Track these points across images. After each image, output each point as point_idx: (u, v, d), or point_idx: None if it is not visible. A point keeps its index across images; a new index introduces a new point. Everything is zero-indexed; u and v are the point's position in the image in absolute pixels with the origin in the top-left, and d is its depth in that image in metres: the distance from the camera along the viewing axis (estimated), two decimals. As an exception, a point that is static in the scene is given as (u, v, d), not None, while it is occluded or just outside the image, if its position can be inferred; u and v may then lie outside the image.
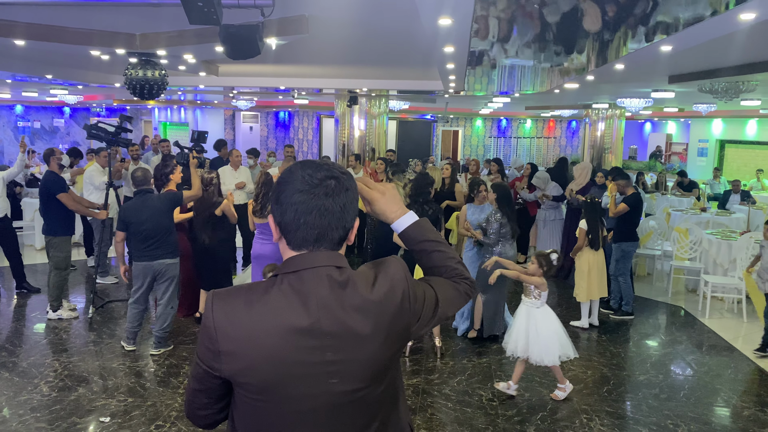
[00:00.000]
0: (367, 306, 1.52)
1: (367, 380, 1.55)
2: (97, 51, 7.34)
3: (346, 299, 1.51)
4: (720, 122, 18.81)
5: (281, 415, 1.52)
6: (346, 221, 1.55)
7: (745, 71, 7.32)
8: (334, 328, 1.48)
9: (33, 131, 21.47)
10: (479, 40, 5.97)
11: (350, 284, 1.53)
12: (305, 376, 1.48)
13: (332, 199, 1.52)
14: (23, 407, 4.70)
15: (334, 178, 1.54)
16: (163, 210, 5.63)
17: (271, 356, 1.46)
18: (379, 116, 12.52)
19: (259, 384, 1.48)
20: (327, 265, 1.52)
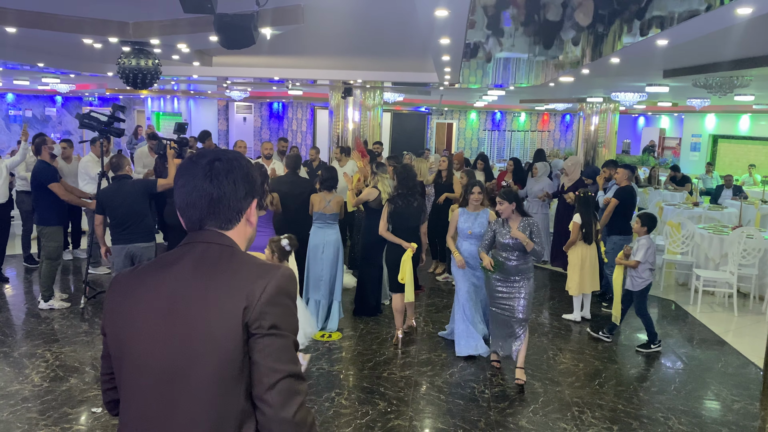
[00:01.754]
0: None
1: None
2: (90, 39, 7.26)
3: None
4: (713, 117, 18.87)
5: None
6: (231, 201, 1.59)
7: (739, 66, 7.33)
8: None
9: (25, 120, 21.28)
10: (475, 32, 5.95)
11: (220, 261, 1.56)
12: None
13: (212, 180, 1.57)
14: (14, 398, 4.68)
15: (217, 161, 1.59)
16: (136, 196, 5.89)
17: (128, 321, 1.56)
18: (373, 108, 12.47)
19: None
20: (205, 242, 1.58)
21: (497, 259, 5.28)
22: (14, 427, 4.25)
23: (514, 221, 5.21)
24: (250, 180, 1.63)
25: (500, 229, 5.26)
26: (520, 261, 5.20)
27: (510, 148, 23.66)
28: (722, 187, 12.26)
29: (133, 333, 1.54)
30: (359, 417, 4.56)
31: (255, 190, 1.66)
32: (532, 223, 5.20)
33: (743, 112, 17.32)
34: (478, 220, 5.75)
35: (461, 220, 5.81)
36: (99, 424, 4.34)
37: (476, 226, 5.71)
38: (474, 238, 5.72)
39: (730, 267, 7.45)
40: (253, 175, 1.65)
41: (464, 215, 5.84)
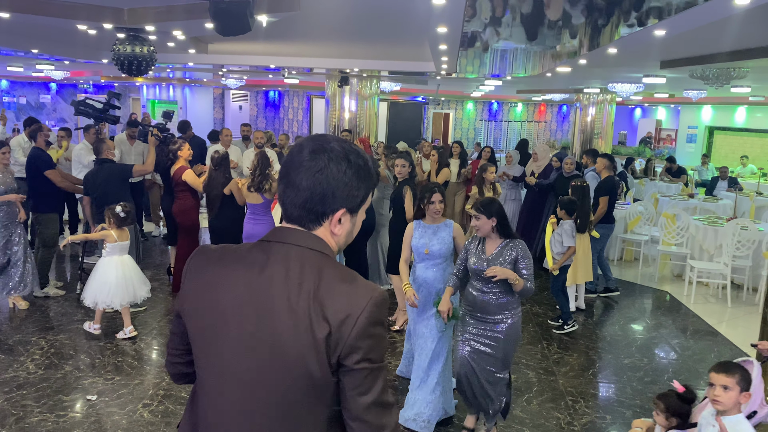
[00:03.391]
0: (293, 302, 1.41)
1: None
2: (84, 25, 7.20)
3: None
4: (709, 109, 18.87)
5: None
6: (316, 199, 1.46)
7: (736, 57, 7.33)
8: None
9: (19, 107, 21.16)
10: (472, 21, 5.92)
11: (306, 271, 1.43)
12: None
13: (304, 173, 1.45)
14: (9, 385, 4.68)
15: (323, 151, 1.46)
16: (112, 180, 6.15)
17: (209, 307, 1.49)
18: (370, 97, 12.44)
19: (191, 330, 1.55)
20: (289, 243, 1.47)
21: (468, 297, 4.01)
22: (9, 414, 4.25)
23: (492, 242, 3.94)
24: (342, 186, 1.48)
25: (474, 249, 3.99)
26: (500, 296, 3.87)
27: (507, 139, 23.64)
28: (717, 178, 12.30)
29: (221, 330, 1.46)
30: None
31: (346, 199, 1.50)
32: (517, 246, 3.87)
33: (739, 104, 17.33)
34: (438, 236, 4.33)
35: (415, 236, 4.39)
36: (94, 411, 4.34)
37: (435, 243, 4.30)
38: (432, 260, 4.34)
39: (725, 258, 7.48)
40: (350, 183, 1.48)
41: (419, 229, 4.40)
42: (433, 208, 4.33)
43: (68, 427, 4.13)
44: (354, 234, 1.59)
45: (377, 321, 1.41)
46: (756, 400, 2.97)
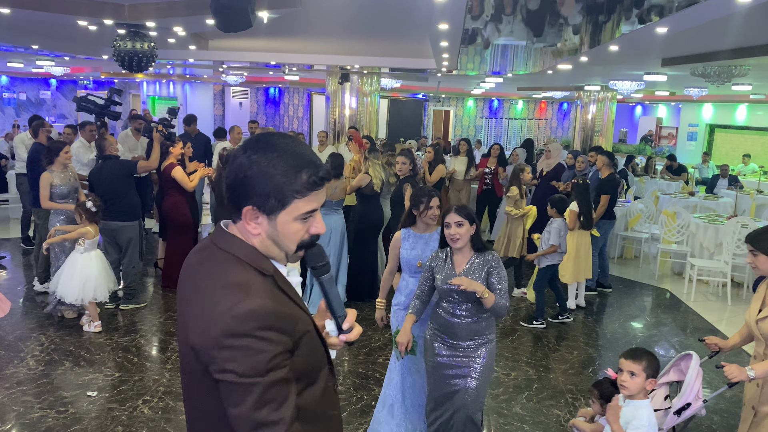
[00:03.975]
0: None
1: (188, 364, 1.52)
2: (85, 21, 7.19)
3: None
4: (710, 107, 18.86)
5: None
6: (228, 188, 1.50)
7: (738, 55, 7.32)
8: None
9: (19, 103, 21.14)
10: (473, 17, 5.91)
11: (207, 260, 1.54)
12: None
13: (232, 161, 1.50)
14: (9, 381, 4.68)
15: (245, 146, 1.51)
16: (116, 176, 6.09)
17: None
18: (370, 94, 12.43)
19: None
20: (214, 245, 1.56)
21: (437, 320, 3.45)
22: (9, 410, 4.25)
23: (463, 256, 3.40)
24: (249, 183, 1.45)
25: (441, 265, 3.44)
26: (473, 318, 3.35)
27: (507, 136, 23.62)
28: (718, 176, 12.29)
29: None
30: (354, 402, 4.58)
31: (256, 194, 1.46)
32: (490, 260, 3.36)
33: (740, 102, 17.33)
34: (431, 245, 3.85)
35: (405, 247, 3.90)
36: (94, 407, 4.35)
37: (429, 254, 3.79)
38: None
39: (725, 256, 7.48)
40: (259, 182, 1.45)
41: (410, 239, 3.91)
42: (431, 213, 3.85)
43: (69, 423, 4.13)
44: (293, 241, 1.52)
45: (235, 333, 1.36)
46: (691, 392, 3.02)
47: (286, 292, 1.52)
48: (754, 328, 3.11)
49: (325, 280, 1.61)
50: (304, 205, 1.48)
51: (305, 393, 1.53)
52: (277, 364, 1.39)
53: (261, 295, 1.42)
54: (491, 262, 3.35)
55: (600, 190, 7.31)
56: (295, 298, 1.55)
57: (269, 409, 1.38)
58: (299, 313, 1.53)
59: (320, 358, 1.61)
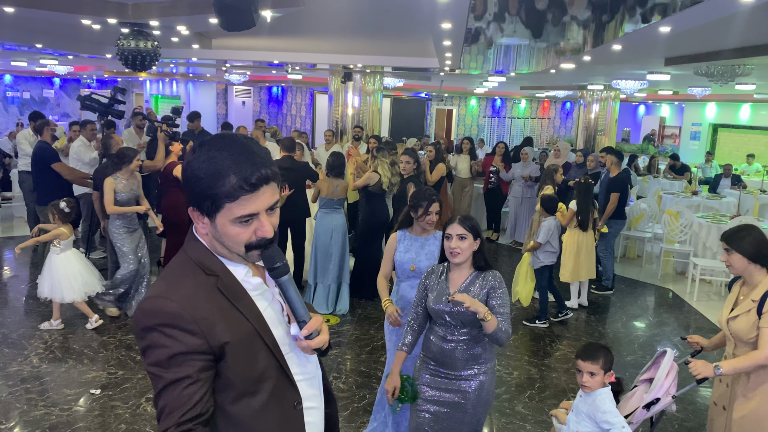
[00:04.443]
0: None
1: None
2: (88, 20, 7.21)
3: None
4: (714, 106, 18.82)
5: None
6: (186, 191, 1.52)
7: (741, 54, 7.31)
8: None
9: (22, 102, 21.19)
10: (476, 17, 5.91)
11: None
12: None
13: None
14: (13, 378, 4.70)
15: (200, 144, 1.52)
16: None
17: None
18: (373, 93, 12.43)
19: None
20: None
21: (429, 347, 3.05)
22: (13, 408, 4.27)
23: (461, 273, 3.03)
24: (186, 184, 1.49)
25: (435, 284, 3.06)
26: (470, 345, 2.96)
27: (510, 135, 23.60)
28: (721, 176, 12.26)
29: None
30: (356, 401, 4.59)
31: (193, 195, 1.48)
32: (491, 279, 2.97)
33: (744, 101, 17.28)
34: (427, 249, 3.70)
35: (400, 250, 3.75)
36: (97, 405, 4.36)
37: (423, 259, 3.68)
38: (419, 277, 3.62)
39: (728, 256, 7.46)
40: (194, 184, 1.46)
41: (405, 241, 3.77)
42: (429, 219, 3.69)
43: (72, 420, 4.15)
44: (238, 242, 1.50)
45: (144, 326, 1.44)
46: (661, 388, 3.04)
47: (227, 295, 1.51)
48: (725, 327, 3.13)
49: (283, 282, 1.57)
50: (238, 209, 1.45)
51: (240, 403, 1.52)
52: (182, 362, 1.42)
53: (175, 295, 1.46)
54: (493, 282, 2.95)
55: (609, 189, 7.30)
56: (238, 302, 1.53)
57: (170, 405, 1.41)
58: (234, 318, 1.50)
59: (262, 369, 1.55)
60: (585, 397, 2.93)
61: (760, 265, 2.98)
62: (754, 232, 3.02)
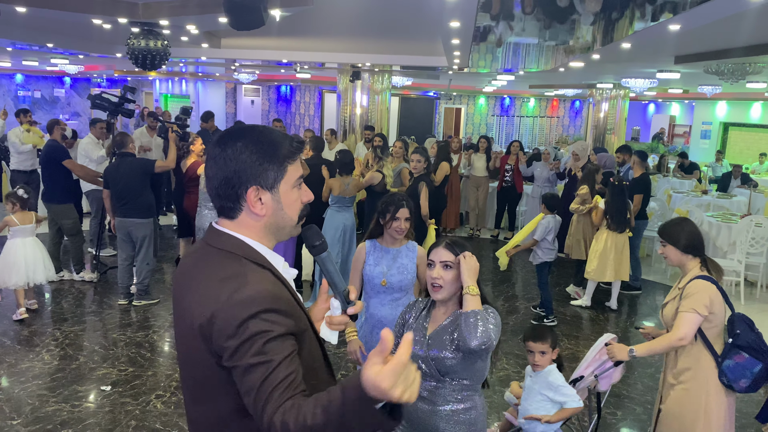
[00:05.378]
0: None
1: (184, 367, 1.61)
2: (99, 19, 7.25)
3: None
4: (724, 104, 18.68)
5: None
6: (224, 184, 1.51)
7: (752, 52, 7.25)
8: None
9: (33, 101, 21.34)
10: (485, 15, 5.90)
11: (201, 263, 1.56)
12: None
13: (212, 163, 1.53)
14: (25, 375, 4.75)
15: (223, 137, 1.54)
16: (134, 174, 6.17)
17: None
18: (381, 92, 12.43)
19: None
20: (212, 246, 1.56)
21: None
22: (25, 404, 4.32)
23: (445, 310, 2.43)
24: (245, 165, 1.48)
25: (413, 321, 2.51)
26: (439, 399, 2.36)
27: (519, 134, 23.53)
28: (729, 175, 12.17)
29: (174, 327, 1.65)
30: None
31: (253, 174, 1.49)
32: (486, 315, 2.29)
33: (755, 100, 17.14)
34: (399, 262, 3.35)
35: (369, 262, 3.36)
36: (108, 401, 4.40)
37: (395, 273, 3.31)
38: (390, 293, 3.34)
39: (738, 255, 7.42)
40: (254, 159, 1.49)
41: (375, 252, 3.38)
42: (397, 226, 3.29)
43: (83, 417, 4.19)
44: (295, 210, 1.57)
45: (240, 319, 1.38)
46: (588, 367, 3.40)
47: (286, 285, 1.55)
48: (660, 314, 3.31)
49: (324, 258, 1.66)
50: (295, 170, 1.55)
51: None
52: (284, 341, 1.40)
53: (259, 281, 1.45)
54: (488, 319, 2.28)
55: (633, 190, 7.19)
56: (294, 294, 1.57)
57: (281, 390, 1.36)
58: (296, 308, 1.53)
59: (318, 360, 1.63)
60: (535, 376, 3.21)
61: (692, 255, 3.14)
62: (687, 226, 3.18)
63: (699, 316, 2.95)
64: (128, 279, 6.36)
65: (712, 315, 2.98)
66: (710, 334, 3.01)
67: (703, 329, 2.99)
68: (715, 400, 2.99)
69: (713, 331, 3.01)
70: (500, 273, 8.21)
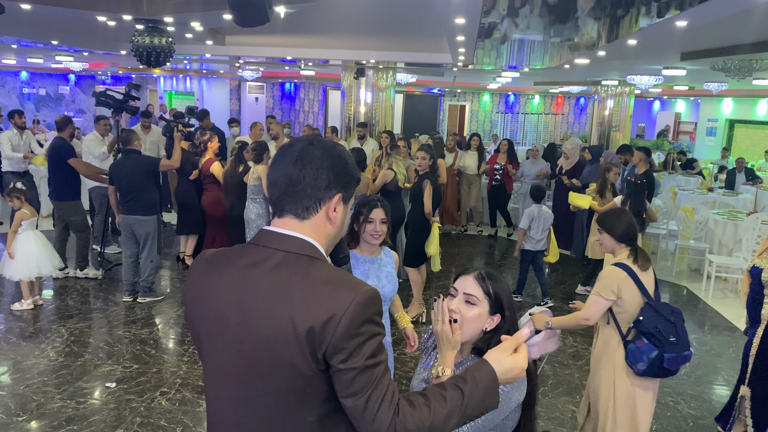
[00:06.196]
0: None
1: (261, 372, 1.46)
2: (104, 17, 7.26)
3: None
4: (730, 101, 18.60)
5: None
6: (309, 187, 1.49)
7: (759, 49, 7.20)
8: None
9: (38, 98, 21.39)
10: (491, 12, 5.88)
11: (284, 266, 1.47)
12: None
13: (296, 163, 1.50)
14: (30, 371, 4.76)
15: (309, 145, 1.52)
16: (138, 171, 6.18)
17: (205, 311, 1.55)
18: (386, 89, 12.40)
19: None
20: (284, 250, 1.49)
21: None
22: (30, 400, 4.33)
23: (449, 354, 1.81)
24: (336, 171, 1.51)
25: (423, 365, 2.09)
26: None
27: (523, 131, 23.49)
28: (734, 171, 12.12)
29: (215, 333, 1.52)
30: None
31: (341, 182, 1.53)
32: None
33: (761, 97, 17.05)
34: (385, 271, 3.17)
35: (356, 275, 2.82)
36: (113, 398, 4.41)
37: (385, 283, 3.14)
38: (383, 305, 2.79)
39: (744, 253, 7.39)
40: (344, 168, 1.53)
41: (360, 265, 3.13)
42: (372, 229, 3.06)
43: (88, 413, 4.20)
44: (343, 230, 1.62)
45: (363, 320, 1.39)
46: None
47: None
48: None
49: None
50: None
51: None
52: (382, 345, 1.46)
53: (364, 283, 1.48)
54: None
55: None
56: None
57: (390, 385, 1.42)
58: None
59: None
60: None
61: (625, 244, 3.32)
62: (624, 216, 3.36)
63: (603, 299, 3.19)
64: (133, 276, 6.37)
65: (621, 300, 3.18)
66: (621, 318, 3.22)
67: (614, 313, 3.23)
68: (621, 379, 3.22)
69: (624, 315, 3.21)
70: (504, 270, 8.20)
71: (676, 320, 3.14)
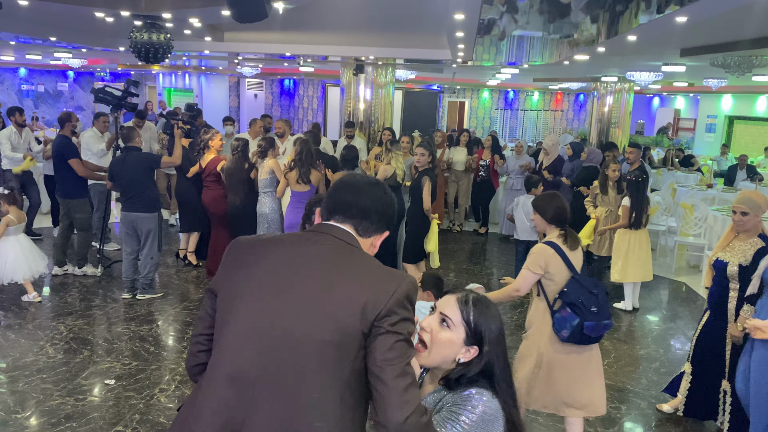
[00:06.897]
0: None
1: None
2: (102, 13, 7.23)
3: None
4: (729, 98, 18.57)
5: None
6: (366, 206, 1.82)
7: (759, 45, 7.19)
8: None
9: (37, 95, 21.35)
10: (490, 7, 5.86)
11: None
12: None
13: (367, 186, 1.86)
14: (29, 369, 4.75)
15: (376, 185, 1.90)
16: (139, 169, 6.17)
17: (244, 288, 1.77)
18: (385, 86, 12.38)
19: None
20: (338, 237, 1.80)
21: None
22: (29, 398, 4.32)
23: (431, 378, 1.83)
24: (388, 215, 1.87)
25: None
26: None
27: (522, 128, 23.47)
28: (736, 167, 12.11)
29: (247, 299, 1.71)
30: (368, 392, 4.59)
31: (389, 223, 1.89)
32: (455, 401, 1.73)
33: (761, 93, 17.03)
34: None
35: None
36: (112, 395, 4.41)
37: None
38: None
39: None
40: (390, 213, 1.88)
41: None
42: None
43: (87, 410, 4.19)
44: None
45: (411, 298, 1.66)
46: None
47: None
48: None
49: None
50: None
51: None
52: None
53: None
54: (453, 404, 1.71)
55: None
56: None
57: (411, 368, 1.64)
58: None
59: None
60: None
61: (555, 225, 3.56)
62: (556, 200, 3.59)
63: (532, 273, 3.47)
64: (133, 273, 6.36)
65: (549, 274, 3.45)
66: (549, 290, 3.48)
67: (543, 286, 3.49)
68: (547, 347, 3.48)
69: (552, 287, 3.47)
70: (503, 267, 8.20)
71: (598, 293, 3.39)
